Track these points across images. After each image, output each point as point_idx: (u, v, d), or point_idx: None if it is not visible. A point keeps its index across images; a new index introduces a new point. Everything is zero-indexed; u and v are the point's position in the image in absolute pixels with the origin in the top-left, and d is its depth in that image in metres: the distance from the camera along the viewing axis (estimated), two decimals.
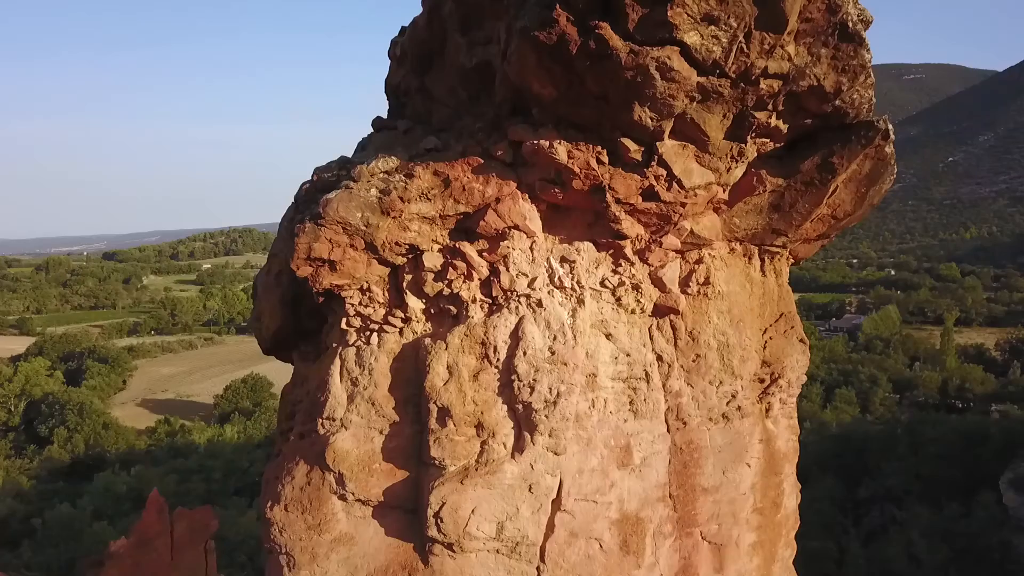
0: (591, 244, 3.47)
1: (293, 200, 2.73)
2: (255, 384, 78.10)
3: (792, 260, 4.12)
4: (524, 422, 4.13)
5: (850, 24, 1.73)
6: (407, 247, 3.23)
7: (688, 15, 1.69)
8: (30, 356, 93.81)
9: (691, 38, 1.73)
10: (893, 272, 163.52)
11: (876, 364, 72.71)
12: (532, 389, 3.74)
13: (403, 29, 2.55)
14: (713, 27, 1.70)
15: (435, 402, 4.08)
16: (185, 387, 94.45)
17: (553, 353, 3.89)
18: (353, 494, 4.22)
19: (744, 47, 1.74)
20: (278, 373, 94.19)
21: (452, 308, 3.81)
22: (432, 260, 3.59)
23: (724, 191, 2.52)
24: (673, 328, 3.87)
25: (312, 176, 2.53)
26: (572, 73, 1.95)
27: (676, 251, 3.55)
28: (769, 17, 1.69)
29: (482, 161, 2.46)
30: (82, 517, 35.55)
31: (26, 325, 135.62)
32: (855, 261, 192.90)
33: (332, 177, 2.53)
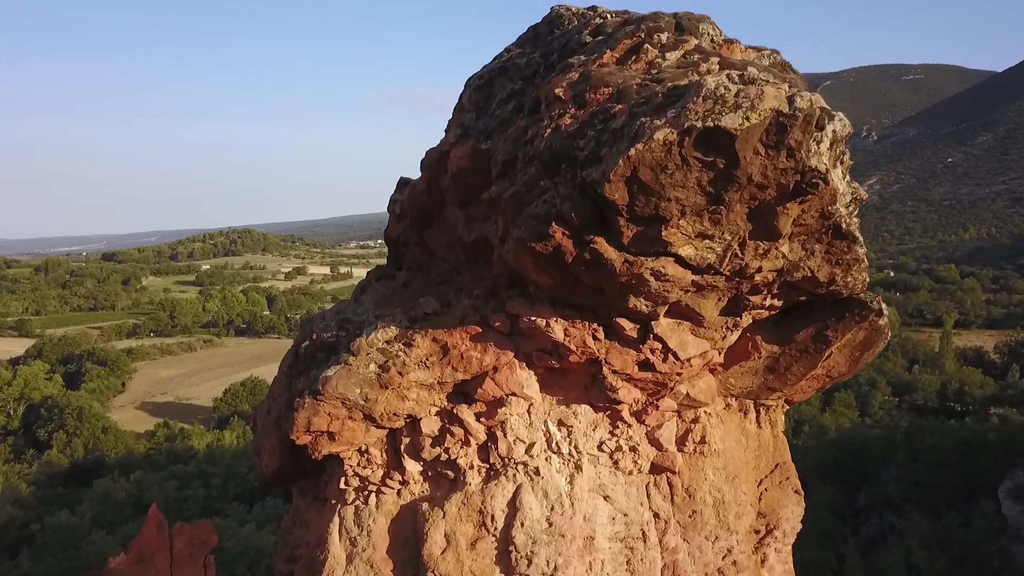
0: (588, 406, 3.48)
1: (293, 347, 2.72)
2: (254, 387, 78.13)
3: (787, 406, 4.15)
4: None
5: (843, 225, 1.74)
6: (406, 415, 3.25)
7: (683, 234, 1.70)
8: (29, 358, 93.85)
9: (685, 251, 1.73)
10: (892, 273, 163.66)
11: (875, 367, 72.77)
12: (530, 562, 3.74)
13: (401, 183, 2.55)
14: (708, 241, 1.71)
15: (433, 571, 4.09)
16: (184, 390, 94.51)
17: (551, 524, 3.87)
18: None
19: (739, 253, 1.74)
20: None
21: (449, 473, 3.83)
22: (430, 425, 3.61)
23: (720, 354, 2.54)
24: (670, 485, 3.88)
25: (311, 334, 2.53)
26: (568, 272, 1.96)
27: (672, 411, 3.56)
28: (763, 230, 1.70)
29: (480, 330, 2.47)
30: (81, 525, 35.52)
31: (25, 327, 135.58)
32: None
33: (331, 338, 2.54)
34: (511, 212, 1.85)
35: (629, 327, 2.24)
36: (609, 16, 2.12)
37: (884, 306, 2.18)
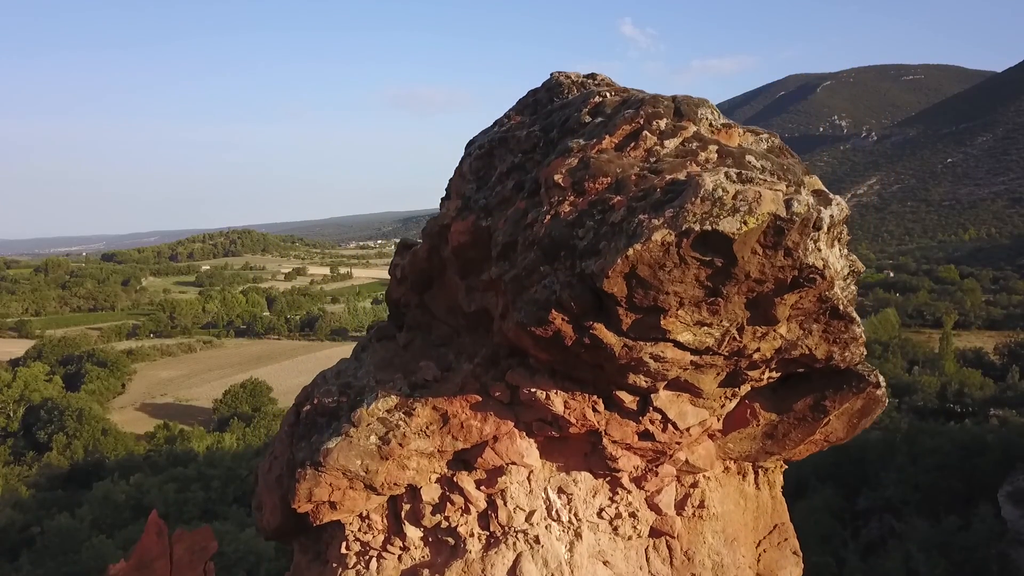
0: (588, 473, 3.49)
1: (294, 407, 2.74)
2: (254, 389, 78.24)
3: (785, 466, 4.16)
4: None
5: (840, 307, 1.75)
6: (406, 484, 3.26)
7: (681, 323, 1.70)
8: (29, 360, 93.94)
9: (684, 337, 1.74)
10: (892, 274, 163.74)
11: (875, 368, 72.80)
12: None
13: (403, 247, 2.56)
14: (706, 328, 1.72)
15: None
16: (184, 391, 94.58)
17: None
18: None
19: (737, 336, 1.75)
20: (277, 377, 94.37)
21: (450, 540, 3.82)
22: (430, 493, 3.62)
23: (719, 421, 2.55)
24: (669, 549, 3.88)
25: (313, 398, 2.54)
26: (568, 351, 1.97)
27: (671, 476, 3.57)
28: (761, 317, 1.71)
29: (480, 399, 2.48)
30: (81, 528, 35.55)
31: (25, 328, 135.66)
32: None
33: (332, 403, 2.55)
34: (511, 294, 1.86)
35: (629, 400, 2.26)
36: (608, 95, 2.12)
37: (881, 378, 2.19)
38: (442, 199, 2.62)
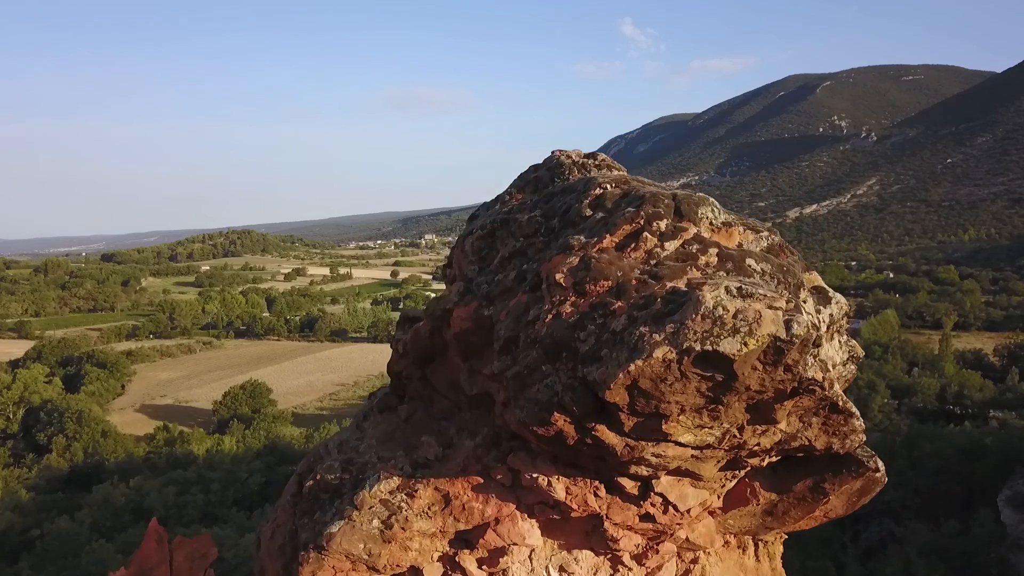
0: (590, 551, 3.48)
1: (297, 476, 2.74)
2: (254, 390, 78.23)
3: (784, 536, 4.15)
4: None
5: (840, 403, 1.76)
6: (409, 565, 3.26)
7: (682, 426, 1.72)
8: (29, 361, 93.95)
9: (685, 438, 1.75)
10: (891, 275, 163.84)
11: (874, 370, 72.79)
12: None
13: (405, 320, 2.57)
14: (707, 429, 1.73)
15: None
16: (184, 392, 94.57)
17: None
18: None
19: (737, 435, 1.77)
20: (277, 379, 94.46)
21: None
22: (432, 573, 3.61)
23: (719, 499, 2.56)
24: None
25: (316, 474, 2.55)
26: (570, 447, 1.99)
27: (672, 553, 3.56)
28: (761, 418, 1.72)
29: (482, 480, 2.49)
30: (81, 532, 35.55)
31: (25, 328, 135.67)
32: (853, 263, 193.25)
33: (335, 480, 2.55)
34: (512, 390, 1.87)
35: (630, 485, 2.27)
36: (609, 187, 2.13)
37: (879, 463, 2.21)
38: (444, 265, 2.63)
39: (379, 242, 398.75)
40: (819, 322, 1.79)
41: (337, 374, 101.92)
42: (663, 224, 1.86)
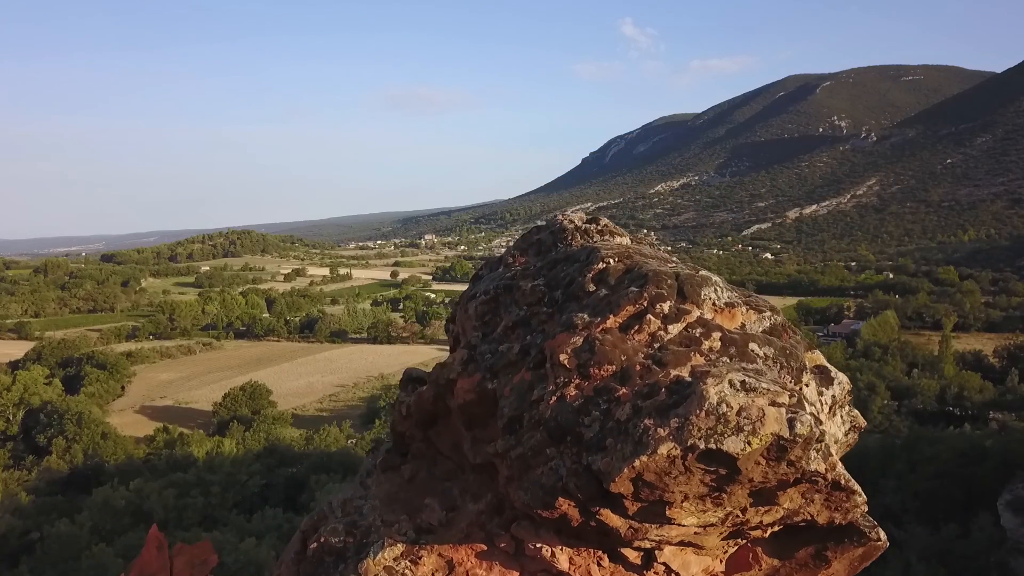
0: None
1: (300, 535, 2.75)
2: (254, 392, 78.26)
3: None
4: None
5: (842, 481, 1.78)
6: None
7: (686, 511, 1.73)
8: (28, 362, 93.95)
9: (688, 520, 1.76)
10: (891, 276, 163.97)
11: (874, 371, 72.89)
12: None
13: (408, 381, 2.57)
14: (710, 512, 1.75)
15: None
16: (184, 393, 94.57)
17: None
18: None
19: (740, 515, 1.78)
20: (277, 380, 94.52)
21: None
22: None
23: (721, 563, 2.57)
24: None
25: (320, 535, 2.56)
26: (573, 527, 2.00)
27: None
28: (764, 501, 1.74)
29: (485, 548, 2.49)
30: (81, 535, 35.53)
31: (24, 329, 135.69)
32: (853, 264, 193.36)
33: (339, 543, 2.55)
34: (516, 471, 1.88)
35: (633, 556, 2.28)
36: (612, 261, 2.14)
37: (881, 532, 2.21)
38: (448, 320, 2.64)
39: (379, 242, 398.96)
40: (822, 404, 1.80)
41: (337, 375, 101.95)
42: (666, 306, 1.88)
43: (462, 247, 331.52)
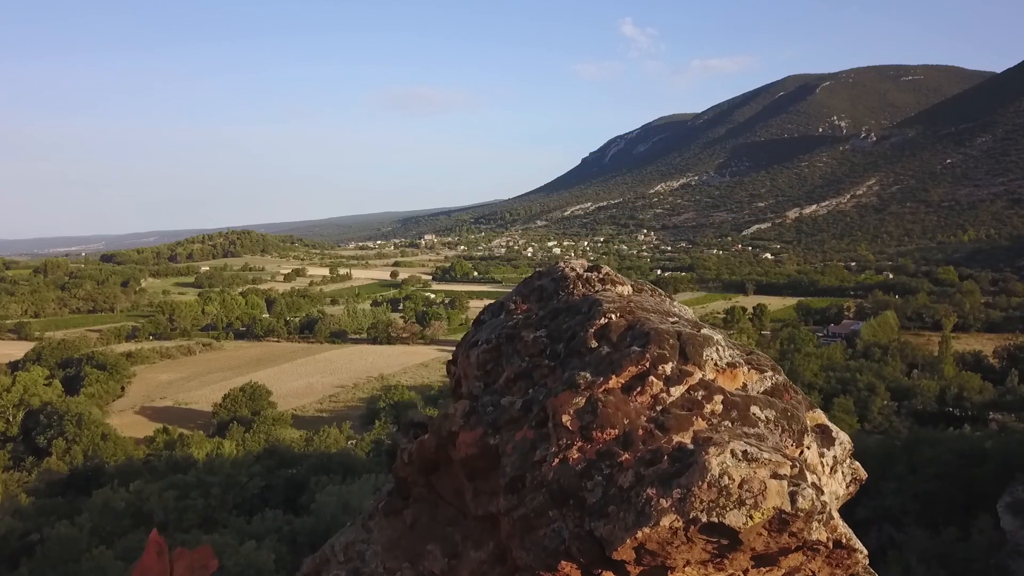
0: None
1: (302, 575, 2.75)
2: (254, 392, 78.26)
3: None
4: None
5: (844, 540, 1.79)
6: None
7: (687, 571, 1.74)
8: (28, 362, 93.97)
9: None
10: (891, 276, 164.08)
11: (874, 372, 72.99)
12: None
13: (410, 427, 2.57)
14: (712, 574, 1.75)
15: None
16: (184, 394, 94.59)
17: None
18: None
19: (742, 575, 1.79)
20: (277, 380, 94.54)
21: None
22: None
23: None
24: None
25: None
26: None
27: None
28: (766, 563, 1.74)
29: None
30: (81, 537, 35.53)
31: (24, 330, 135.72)
32: (853, 264, 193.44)
33: None
34: (519, 530, 1.89)
35: None
36: (613, 317, 2.15)
37: None
38: (449, 361, 2.64)
39: (379, 242, 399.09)
40: (823, 466, 1.81)
41: (336, 376, 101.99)
42: (668, 368, 1.88)
43: (462, 247, 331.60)
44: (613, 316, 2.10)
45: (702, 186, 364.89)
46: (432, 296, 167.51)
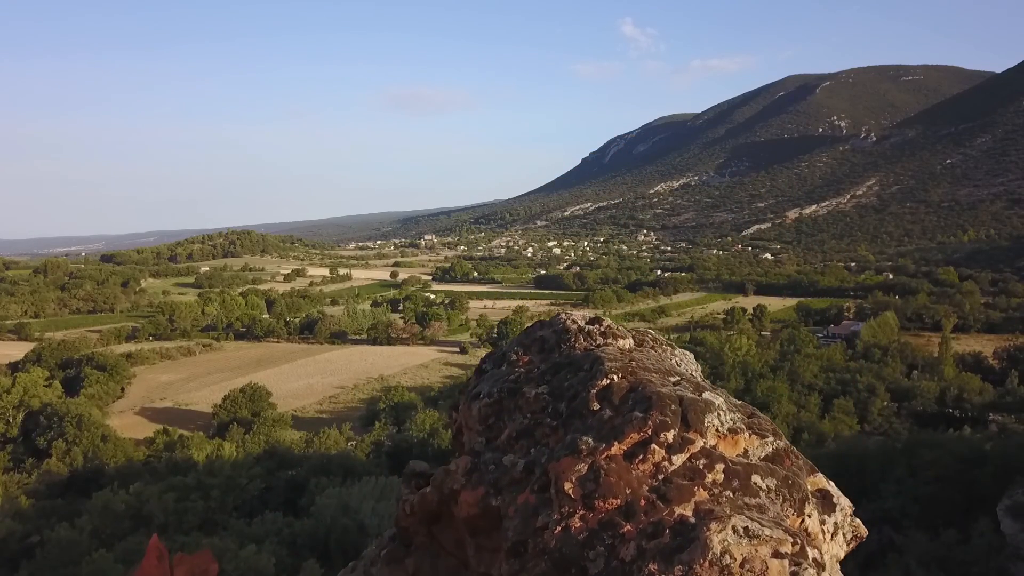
0: None
1: None
2: (254, 393, 78.23)
3: None
4: None
5: None
6: None
7: None
8: (28, 363, 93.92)
9: None
10: (891, 276, 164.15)
11: (874, 373, 73.02)
12: None
13: (411, 477, 2.57)
14: None
15: None
16: (184, 395, 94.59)
17: None
18: None
19: None
20: (277, 381, 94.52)
21: None
22: None
23: None
24: None
25: None
26: None
27: None
28: None
29: None
30: (81, 539, 35.54)
31: (24, 330, 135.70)
32: (853, 264, 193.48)
33: None
34: None
35: None
36: (615, 378, 2.16)
37: None
38: (451, 407, 2.65)
39: (379, 242, 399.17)
40: (824, 533, 1.82)
41: (336, 377, 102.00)
42: (671, 435, 1.89)
43: (462, 247, 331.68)
44: (615, 377, 2.11)
45: (702, 186, 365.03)
46: (432, 296, 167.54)
